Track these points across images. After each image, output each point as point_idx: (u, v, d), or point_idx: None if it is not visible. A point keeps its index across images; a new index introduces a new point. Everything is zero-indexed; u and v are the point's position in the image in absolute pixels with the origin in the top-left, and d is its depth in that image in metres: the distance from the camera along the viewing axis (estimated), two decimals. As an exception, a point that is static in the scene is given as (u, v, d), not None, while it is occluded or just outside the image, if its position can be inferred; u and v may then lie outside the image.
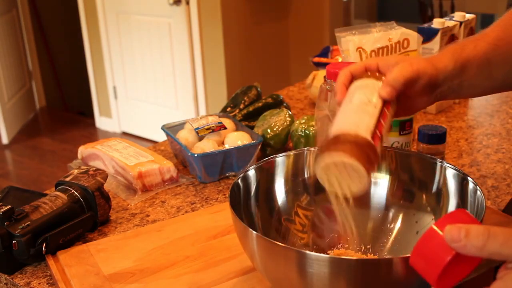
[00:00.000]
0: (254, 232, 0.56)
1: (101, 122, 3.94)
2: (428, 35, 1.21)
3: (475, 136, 1.14)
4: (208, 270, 0.71)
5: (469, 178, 0.65)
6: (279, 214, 0.73)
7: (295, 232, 0.73)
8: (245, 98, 1.19)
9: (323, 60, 1.50)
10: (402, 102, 0.68)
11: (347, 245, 0.72)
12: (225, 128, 1.05)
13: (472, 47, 0.69)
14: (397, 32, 1.04)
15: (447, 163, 0.69)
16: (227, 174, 0.99)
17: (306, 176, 0.75)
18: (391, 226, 0.72)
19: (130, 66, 3.54)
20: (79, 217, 0.79)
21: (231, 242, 0.76)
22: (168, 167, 0.97)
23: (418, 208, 0.71)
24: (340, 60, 1.46)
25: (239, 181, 0.68)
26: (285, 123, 1.04)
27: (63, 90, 4.55)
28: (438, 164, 0.70)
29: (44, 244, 0.73)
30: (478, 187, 0.63)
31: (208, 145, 0.99)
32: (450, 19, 1.27)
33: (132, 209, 0.90)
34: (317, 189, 0.75)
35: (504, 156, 1.04)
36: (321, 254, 0.54)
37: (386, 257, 0.69)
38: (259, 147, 1.00)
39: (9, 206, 0.73)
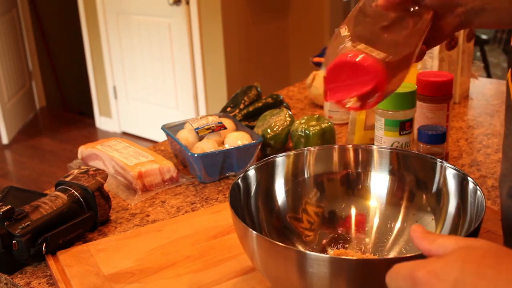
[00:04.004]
0: (254, 232, 0.56)
1: (101, 122, 3.94)
2: (428, 35, 1.21)
3: (475, 136, 1.14)
4: (208, 270, 0.71)
5: (469, 178, 0.65)
6: (279, 214, 0.73)
7: (300, 230, 0.73)
8: (245, 98, 1.19)
9: (323, 60, 1.50)
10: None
11: (347, 245, 0.72)
12: (225, 128, 1.05)
13: None
14: (397, 32, 1.04)
15: (447, 163, 0.69)
16: (227, 174, 0.99)
17: (306, 176, 0.75)
18: (391, 226, 0.72)
19: (130, 66, 3.54)
20: (79, 217, 0.79)
21: (231, 242, 0.76)
22: (168, 167, 0.97)
23: (418, 208, 0.71)
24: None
25: (239, 181, 0.68)
26: (285, 123, 1.04)
27: (63, 90, 4.55)
28: (438, 164, 0.70)
29: (44, 244, 0.73)
30: (478, 187, 0.63)
31: (208, 145, 0.99)
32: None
33: (132, 209, 0.90)
34: (319, 188, 0.76)
35: (504, 156, 1.04)
36: (321, 254, 0.54)
37: (386, 257, 0.69)
38: (259, 147, 1.00)
39: (9, 206, 0.73)
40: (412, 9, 0.65)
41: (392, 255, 0.70)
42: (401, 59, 0.60)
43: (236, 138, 1.01)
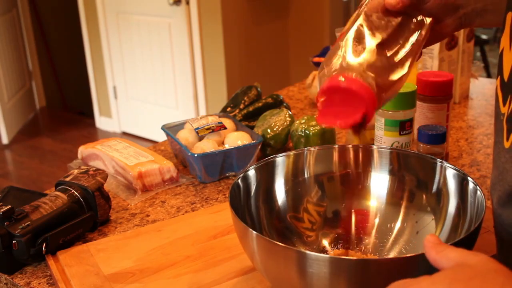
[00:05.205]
0: (254, 232, 0.56)
1: (101, 122, 3.94)
2: (428, 35, 1.21)
3: (475, 136, 1.14)
4: (208, 270, 0.71)
5: (469, 178, 0.65)
6: (279, 214, 0.73)
7: (300, 230, 0.73)
8: (245, 98, 1.19)
9: (323, 60, 1.50)
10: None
11: (347, 245, 0.72)
12: (225, 128, 1.05)
13: None
14: (397, 32, 1.04)
15: (447, 163, 0.69)
16: (227, 174, 0.99)
17: (306, 176, 0.75)
18: (391, 226, 0.72)
19: (130, 66, 3.54)
20: (79, 217, 0.79)
21: (231, 242, 0.76)
22: (168, 167, 0.97)
23: (418, 208, 0.71)
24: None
25: (239, 181, 0.68)
26: (285, 123, 1.04)
27: (63, 90, 4.55)
28: (438, 164, 0.70)
29: (44, 244, 0.73)
30: (478, 187, 0.63)
31: (208, 145, 0.99)
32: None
33: (132, 209, 0.90)
34: (319, 188, 0.76)
35: (504, 156, 1.03)
36: (321, 254, 0.54)
37: (386, 257, 0.69)
38: (259, 147, 1.00)
39: (9, 206, 0.73)
40: (414, 19, 0.65)
41: (392, 255, 0.70)
42: (395, 81, 0.60)
43: (236, 138, 1.01)
